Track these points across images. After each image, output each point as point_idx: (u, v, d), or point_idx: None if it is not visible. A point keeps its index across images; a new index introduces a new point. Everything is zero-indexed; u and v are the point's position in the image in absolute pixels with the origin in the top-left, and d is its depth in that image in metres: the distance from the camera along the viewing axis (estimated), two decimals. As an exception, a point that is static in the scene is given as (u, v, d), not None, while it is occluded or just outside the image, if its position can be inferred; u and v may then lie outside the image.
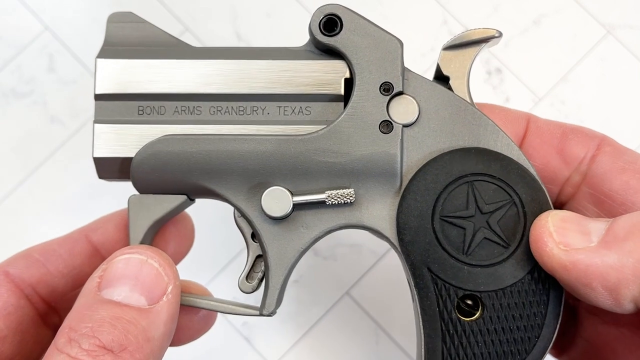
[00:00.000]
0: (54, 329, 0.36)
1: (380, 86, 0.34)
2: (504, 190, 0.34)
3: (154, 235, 0.36)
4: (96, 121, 0.34)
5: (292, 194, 0.33)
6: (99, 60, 0.34)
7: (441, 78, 0.36)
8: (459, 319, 0.33)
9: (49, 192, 0.58)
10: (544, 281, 0.33)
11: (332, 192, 0.33)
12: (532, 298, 0.33)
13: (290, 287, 0.58)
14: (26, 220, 0.58)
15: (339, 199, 0.34)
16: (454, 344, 0.33)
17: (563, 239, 0.31)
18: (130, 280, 0.31)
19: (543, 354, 0.34)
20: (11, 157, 0.59)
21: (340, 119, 0.34)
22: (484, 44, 0.36)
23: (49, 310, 0.36)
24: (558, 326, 0.34)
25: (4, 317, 0.34)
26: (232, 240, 0.58)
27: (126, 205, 0.34)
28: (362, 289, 0.58)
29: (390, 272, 0.58)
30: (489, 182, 0.34)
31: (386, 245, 0.36)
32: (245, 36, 0.60)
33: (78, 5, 0.61)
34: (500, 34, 0.35)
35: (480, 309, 0.33)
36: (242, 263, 0.58)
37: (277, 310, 0.35)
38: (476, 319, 0.33)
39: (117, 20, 0.35)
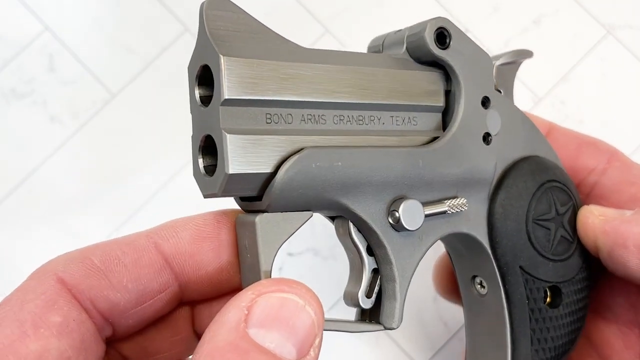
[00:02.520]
0: (108, 342, 0.32)
1: (481, 100, 0.36)
2: (567, 193, 0.38)
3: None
4: (227, 130, 0.28)
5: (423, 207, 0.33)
6: (226, 57, 0.28)
7: None
8: (546, 308, 0.38)
9: (49, 192, 0.58)
10: (591, 267, 0.39)
11: (450, 202, 0.34)
12: (586, 282, 0.39)
13: (290, 287, 0.58)
14: (26, 220, 0.58)
15: (457, 209, 0.35)
16: (541, 329, 0.37)
17: (602, 213, 0.37)
18: (286, 327, 0.26)
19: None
20: (11, 157, 0.59)
21: (454, 130, 0.34)
22: (519, 64, 0.40)
23: (105, 324, 0.31)
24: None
25: (67, 335, 0.28)
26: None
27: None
28: (362, 289, 0.58)
29: (390, 272, 0.58)
30: (558, 187, 0.38)
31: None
32: (245, 36, 0.60)
33: (78, 5, 0.61)
34: (532, 55, 0.40)
35: (553, 295, 0.38)
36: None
37: None
38: (553, 304, 0.38)
39: (216, 7, 0.30)
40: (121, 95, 0.60)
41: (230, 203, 0.32)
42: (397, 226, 0.33)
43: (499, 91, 0.38)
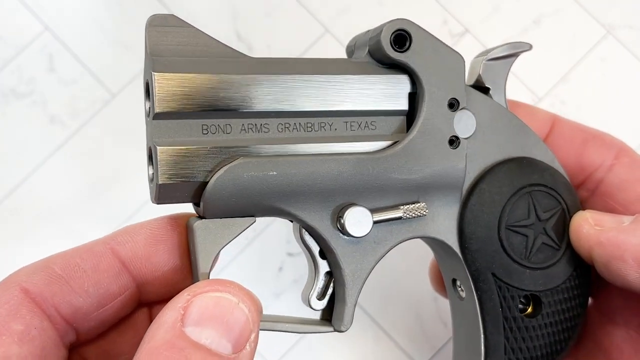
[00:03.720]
0: (70, 348, 0.33)
1: (448, 102, 0.34)
2: (555, 197, 0.36)
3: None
4: (158, 143, 0.30)
5: (372, 213, 0.33)
6: (156, 74, 0.30)
7: (479, 89, 0.37)
8: (521, 317, 0.36)
9: (49, 192, 0.58)
10: (586, 274, 0.37)
11: (407, 207, 0.34)
12: (576, 291, 0.37)
13: (290, 287, 0.58)
14: (26, 220, 0.58)
15: (413, 213, 0.34)
16: (516, 339, 0.36)
17: (598, 222, 0.35)
18: (221, 323, 0.27)
19: (578, 334, 0.38)
20: (11, 157, 0.59)
21: (413, 135, 0.34)
22: (515, 58, 0.38)
23: (68, 329, 0.33)
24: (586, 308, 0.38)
25: (28, 342, 0.29)
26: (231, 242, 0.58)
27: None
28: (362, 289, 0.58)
29: (391, 272, 0.58)
30: (543, 191, 0.36)
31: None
32: (245, 36, 0.60)
33: (78, 5, 0.61)
34: (530, 47, 0.38)
35: (532, 304, 0.36)
36: (245, 261, 0.58)
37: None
38: (531, 313, 0.36)
39: (159, 24, 0.31)
40: (121, 95, 0.60)
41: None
42: (345, 232, 0.33)
43: (487, 88, 0.37)
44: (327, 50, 0.60)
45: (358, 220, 0.33)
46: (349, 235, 0.33)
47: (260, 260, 0.58)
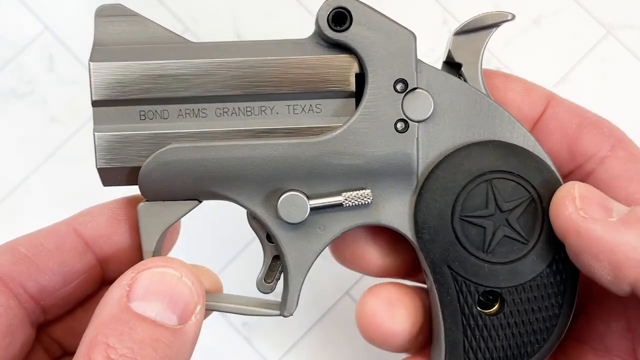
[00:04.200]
0: (38, 327, 0.35)
1: (394, 83, 0.32)
2: (523, 187, 0.33)
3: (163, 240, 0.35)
4: (96, 129, 0.32)
5: (309, 198, 0.32)
6: (92, 64, 0.31)
7: (452, 65, 0.34)
8: (480, 314, 0.34)
9: (48, 192, 0.58)
10: (562, 272, 0.34)
11: (348, 194, 0.33)
12: (550, 290, 0.34)
13: (290, 287, 0.58)
14: (26, 220, 0.58)
15: (356, 201, 0.33)
16: (475, 337, 0.34)
17: (584, 207, 0.31)
18: (165, 297, 0.29)
19: (558, 340, 0.34)
20: (11, 157, 0.59)
21: (353, 119, 0.32)
22: (495, 29, 0.34)
23: (35, 308, 0.34)
24: (572, 313, 0.34)
25: None
26: (239, 233, 0.58)
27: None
28: (362, 289, 0.58)
29: (390, 272, 0.58)
30: (507, 179, 0.33)
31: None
32: (246, 36, 0.60)
33: (78, 5, 0.61)
34: (513, 17, 0.34)
35: (499, 301, 0.34)
36: (249, 257, 0.58)
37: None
38: (496, 312, 0.34)
39: (107, 14, 0.32)
40: (121, 95, 0.60)
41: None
42: (280, 218, 0.32)
43: (459, 65, 0.34)
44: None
45: (292, 207, 0.32)
46: (284, 221, 0.32)
47: (260, 260, 0.58)
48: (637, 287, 0.29)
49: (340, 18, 0.32)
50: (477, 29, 0.35)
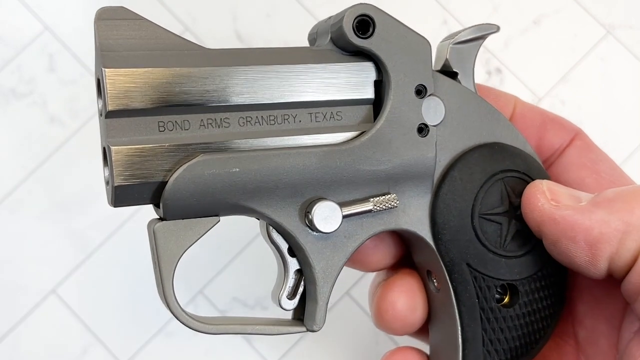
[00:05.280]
0: None
1: (415, 89, 0.33)
2: (528, 183, 0.35)
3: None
4: (112, 143, 0.29)
5: (341, 207, 0.32)
6: (108, 70, 0.28)
7: (446, 74, 0.35)
8: (499, 308, 0.35)
9: (48, 192, 0.58)
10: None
11: (376, 199, 0.33)
12: (554, 278, 0.36)
13: (290, 287, 0.58)
14: (26, 220, 0.58)
15: (384, 205, 0.33)
16: (494, 330, 0.35)
17: (555, 197, 0.33)
18: None
19: (558, 321, 0.37)
20: (11, 157, 0.59)
21: (380, 125, 0.32)
22: (483, 40, 0.36)
23: None
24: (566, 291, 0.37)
25: None
26: (231, 242, 0.58)
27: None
28: (362, 289, 0.58)
29: (390, 272, 0.58)
30: (515, 177, 0.35)
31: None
32: (246, 36, 0.60)
33: (78, 5, 0.61)
34: (498, 29, 0.36)
35: (509, 293, 0.35)
36: (238, 266, 0.58)
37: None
38: (509, 303, 0.35)
39: (109, 17, 0.29)
40: (121, 95, 0.60)
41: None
42: (314, 228, 0.32)
43: (455, 73, 0.35)
44: (327, 50, 0.60)
45: (327, 216, 0.31)
46: (317, 231, 0.32)
47: (260, 260, 0.58)
48: (613, 261, 0.31)
49: (364, 25, 0.32)
50: (472, 40, 0.36)
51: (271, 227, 0.33)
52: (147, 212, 0.32)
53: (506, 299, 0.36)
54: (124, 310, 0.57)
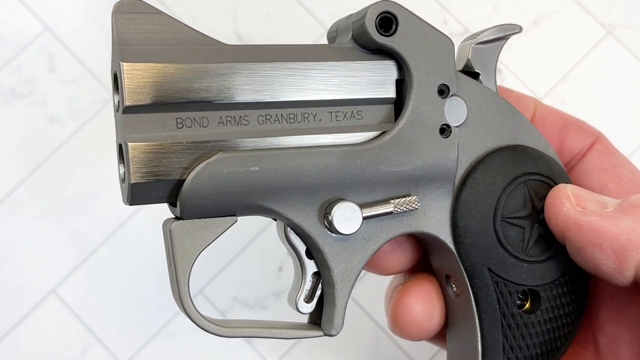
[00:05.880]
0: None
1: (437, 89, 0.32)
2: (550, 186, 0.34)
3: None
4: (129, 139, 0.28)
5: (361, 208, 0.31)
6: (126, 64, 0.27)
7: (469, 74, 0.35)
8: (520, 314, 0.34)
9: (49, 192, 0.58)
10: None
11: (397, 201, 0.32)
12: (576, 284, 0.35)
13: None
14: (26, 220, 0.58)
15: (405, 207, 0.32)
16: (515, 336, 0.34)
17: (580, 203, 0.32)
18: None
19: (579, 327, 0.36)
20: (11, 157, 0.59)
21: (401, 125, 0.31)
22: (505, 41, 0.36)
23: None
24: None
25: None
26: (231, 242, 0.58)
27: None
28: (362, 289, 0.58)
29: (390, 272, 0.58)
30: (538, 180, 0.34)
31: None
32: (246, 36, 0.60)
33: (78, 5, 0.61)
34: (521, 29, 0.35)
35: (530, 299, 0.34)
36: (238, 266, 0.58)
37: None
38: (530, 309, 0.34)
39: (126, 10, 0.29)
40: (121, 95, 0.60)
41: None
42: (333, 230, 0.31)
43: (477, 74, 0.35)
44: (327, 50, 0.60)
45: (347, 217, 0.31)
46: (337, 232, 0.31)
47: (260, 260, 0.58)
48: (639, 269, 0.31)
49: (386, 23, 0.31)
50: (494, 40, 0.35)
51: (289, 229, 0.33)
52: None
53: (527, 305, 0.35)
54: (124, 310, 0.57)
